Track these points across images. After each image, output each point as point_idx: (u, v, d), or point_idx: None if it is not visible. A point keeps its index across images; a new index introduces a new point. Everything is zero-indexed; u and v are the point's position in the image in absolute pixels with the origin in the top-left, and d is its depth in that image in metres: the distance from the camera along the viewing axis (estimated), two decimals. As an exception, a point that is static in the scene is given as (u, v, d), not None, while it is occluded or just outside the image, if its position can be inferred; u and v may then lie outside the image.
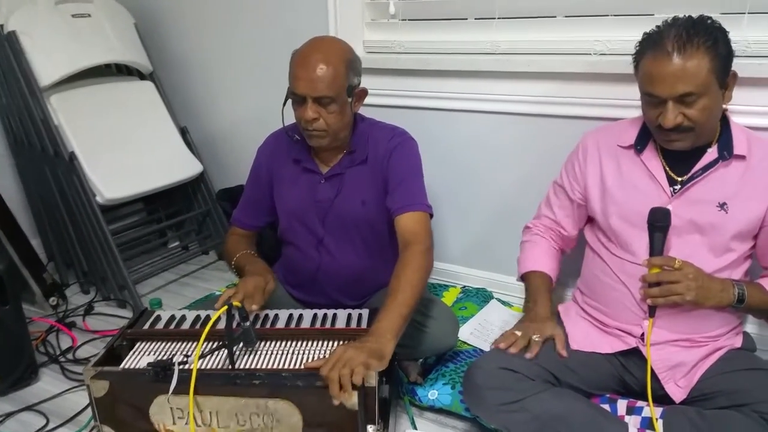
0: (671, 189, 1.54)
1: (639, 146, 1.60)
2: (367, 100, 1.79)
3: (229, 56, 2.77)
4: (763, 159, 1.50)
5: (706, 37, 1.36)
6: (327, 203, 1.80)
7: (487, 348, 1.90)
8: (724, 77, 1.42)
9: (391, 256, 1.68)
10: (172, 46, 2.91)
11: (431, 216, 1.75)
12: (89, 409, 1.82)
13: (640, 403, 1.56)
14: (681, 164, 1.54)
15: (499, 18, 2.12)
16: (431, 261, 1.65)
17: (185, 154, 2.79)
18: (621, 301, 1.61)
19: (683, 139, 1.46)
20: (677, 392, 1.51)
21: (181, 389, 1.36)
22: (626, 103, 1.84)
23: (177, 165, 2.74)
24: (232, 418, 1.40)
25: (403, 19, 2.30)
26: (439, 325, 1.77)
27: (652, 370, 1.51)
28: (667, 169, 1.56)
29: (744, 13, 1.76)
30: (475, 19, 2.20)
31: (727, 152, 1.50)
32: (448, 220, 2.45)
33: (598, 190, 1.67)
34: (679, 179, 1.54)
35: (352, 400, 1.31)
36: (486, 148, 2.27)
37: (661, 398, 1.53)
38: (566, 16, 2.04)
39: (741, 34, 1.76)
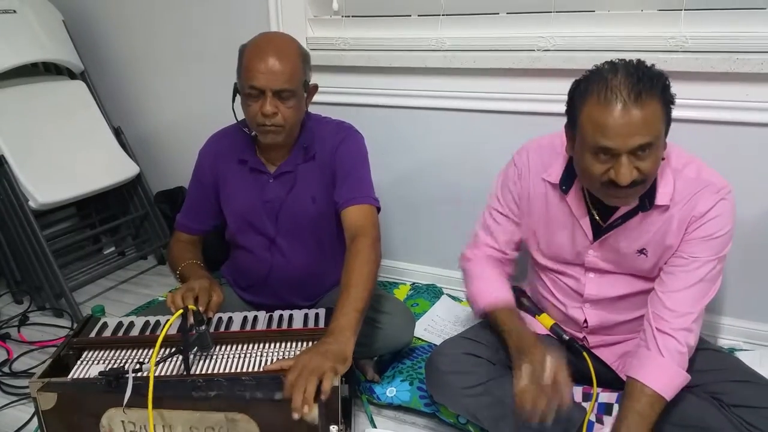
0: (593, 236, 1.50)
1: (564, 186, 1.50)
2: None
3: (165, 54, 2.68)
4: (683, 200, 1.40)
5: (656, 81, 1.24)
6: (277, 202, 1.77)
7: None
8: (668, 127, 1.31)
9: (343, 254, 1.66)
10: (103, 43, 2.80)
11: (378, 210, 1.74)
12: (31, 424, 1.75)
13: (593, 391, 1.59)
14: (605, 207, 1.46)
15: (443, 15, 2.13)
16: (379, 253, 1.63)
17: (120, 156, 2.69)
18: (558, 316, 1.66)
19: (633, 195, 1.36)
20: None
21: (135, 401, 1.30)
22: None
23: (112, 167, 2.65)
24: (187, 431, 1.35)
25: (346, 15, 2.28)
26: (395, 321, 1.77)
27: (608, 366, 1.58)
28: (593, 213, 1.49)
29: (681, 10, 1.82)
30: (419, 15, 2.20)
31: (648, 201, 1.40)
32: (396, 217, 2.44)
33: (528, 217, 1.63)
34: (603, 224, 1.49)
35: (313, 414, 1.25)
36: (432, 144, 2.28)
37: (616, 383, 1.57)
38: (509, 13, 2.07)
39: (678, 30, 1.83)
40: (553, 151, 1.54)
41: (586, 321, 1.59)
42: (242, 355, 1.46)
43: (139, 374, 1.33)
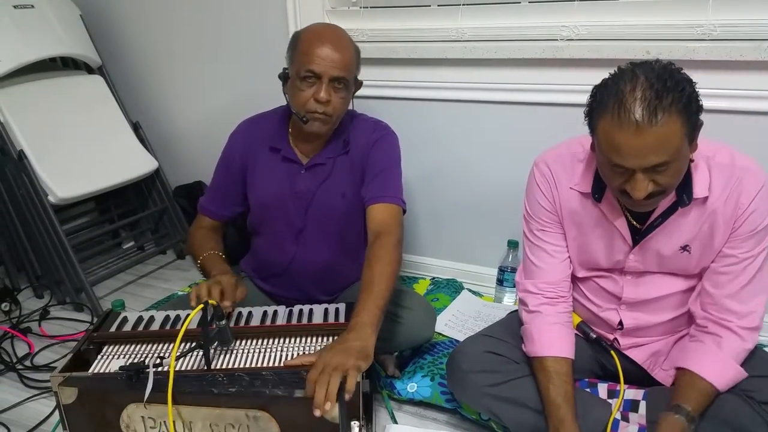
0: (632, 239, 1.43)
1: (597, 194, 1.42)
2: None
3: (183, 48, 2.67)
4: (723, 191, 1.34)
5: (678, 94, 1.15)
6: (309, 194, 1.76)
7: (462, 338, 1.88)
8: (695, 134, 1.23)
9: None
10: (121, 38, 2.80)
11: (404, 211, 1.72)
12: (52, 418, 1.76)
13: (620, 387, 1.56)
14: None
15: (464, 4, 2.09)
16: (401, 254, 1.62)
17: (139, 151, 2.69)
18: (589, 318, 1.62)
19: (653, 204, 1.32)
20: (665, 376, 1.52)
21: (155, 397, 1.29)
22: (594, 88, 1.85)
23: (131, 162, 2.65)
24: (207, 428, 1.33)
25: (364, 7, 2.25)
26: (416, 317, 1.74)
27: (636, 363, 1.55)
28: (629, 217, 1.42)
29: (709, -3, 1.78)
30: (439, 5, 2.17)
31: (687, 196, 1.34)
32: (417, 210, 2.42)
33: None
34: (640, 227, 1.42)
35: (334, 412, 1.24)
36: (453, 136, 2.25)
37: (645, 381, 1.55)
38: (530, 2, 2.03)
39: (706, 18, 1.78)
40: (574, 159, 1.47)
41: (621, 323, 1.54)
42: (262, 350, 1.45)
43: (160, 369, 1.32)
